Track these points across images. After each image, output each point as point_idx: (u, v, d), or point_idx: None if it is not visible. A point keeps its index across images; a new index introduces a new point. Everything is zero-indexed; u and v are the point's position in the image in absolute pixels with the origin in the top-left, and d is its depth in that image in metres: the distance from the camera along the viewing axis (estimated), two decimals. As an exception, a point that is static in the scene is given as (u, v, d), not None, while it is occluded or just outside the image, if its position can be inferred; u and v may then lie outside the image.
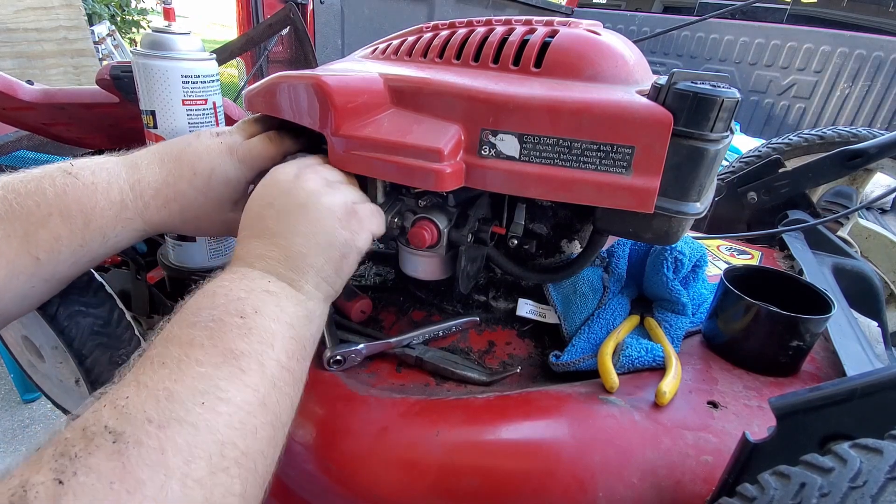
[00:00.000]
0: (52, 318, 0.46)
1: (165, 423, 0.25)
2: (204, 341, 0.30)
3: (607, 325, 0.53)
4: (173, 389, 0.27)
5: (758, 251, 0.82)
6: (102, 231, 0.41)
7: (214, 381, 0.28)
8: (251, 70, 1.85)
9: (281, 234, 0.38)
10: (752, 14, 2.76)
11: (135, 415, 0.25)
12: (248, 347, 0.31)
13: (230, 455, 0.27)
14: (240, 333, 0.31)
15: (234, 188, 0.48)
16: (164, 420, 0.26)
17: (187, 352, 0.29)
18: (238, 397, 0.29)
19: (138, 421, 0.25)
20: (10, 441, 1.38)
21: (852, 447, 0.26)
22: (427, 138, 0.41)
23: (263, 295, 0.34)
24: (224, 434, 0.27)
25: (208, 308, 0.32)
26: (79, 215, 0.40)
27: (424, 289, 0.61)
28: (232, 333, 0.31)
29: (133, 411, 0.25)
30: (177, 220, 0.46)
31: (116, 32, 3.82)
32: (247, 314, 0.32)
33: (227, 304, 0.33)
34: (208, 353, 0.29)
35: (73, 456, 0.23)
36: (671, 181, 0.38)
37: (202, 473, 0.25)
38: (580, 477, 0.40)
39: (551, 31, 0.46)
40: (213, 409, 0.27)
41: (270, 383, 0.31)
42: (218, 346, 0.30)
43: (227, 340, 0.30)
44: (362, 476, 0.43)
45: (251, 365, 0.30)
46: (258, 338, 0.32)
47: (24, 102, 0.69)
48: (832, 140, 1.01)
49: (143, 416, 0.25)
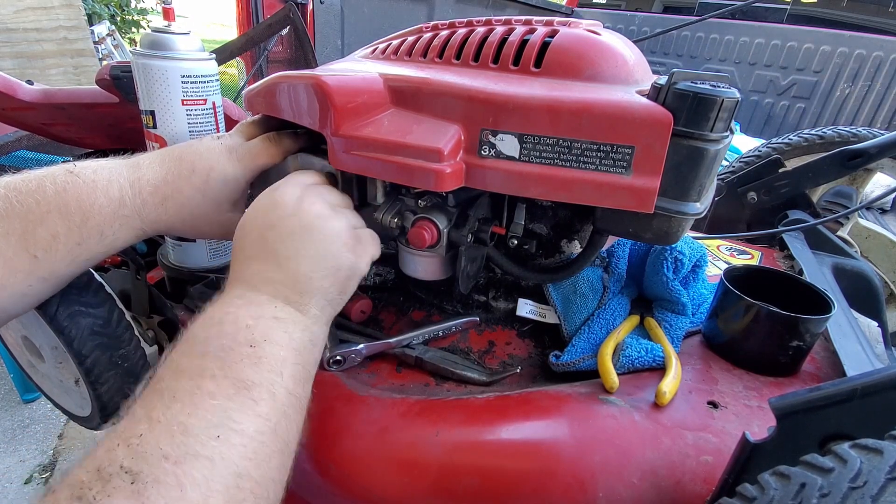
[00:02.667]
0: (52, 318, 0.45)
1: (182, 458, 0.26)
2: (215, 372, 0.30)
3: (607, 325, 0.53)
4: (187, 424, 0.27)
5: (758, 251, 0.82)
6: (100, 228, 0.41)
7: (228, 414, 0.28)
8: (251, 70, 1.85)
9: (286, 257, 0.38)
10: (752, 14, 2.75)
11: (150, 452, 0.25)
12: (259, 377, 0.31)
13: (246, 486, 0.27)
14: (250, 363, 0.31)
15: (233, 188, 0.48)
16: (180, 456, 0.26)
17: (199, 384, 0.29)
18: (251, 428, 0.29)
19: (154, 458, 0.25)
20: (9, 441, 1.38)
21: (852, 447, 0.26)
22: (427, 138, 0.41)
23: (272, 322, 0.35)
24: (239, 465, 0.27)
25: (216, 337, 0.32)
26: (77, 212, 0.40)
27: (424, 289, 0.61)
28: (242, 363, 0.31)
29: (148, 449, 0.25)
30: (174, 218, 0.46)
31: (116, 32, 3.82)
32: (256, 342, 0.32)
33: (235, 332, 0.33)
34: (220, 384, 0.29)
35: (91, 499, 0.23)
36: (671, 181, 0.38)
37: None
38: (580, 477, 0.40)
39: (551, 31, 0.46)
40: (228, 442, 0.27)
41: (281, 412, 0.31)
42: (229, 376, 0.30)
43: (238, 371, 0.30)
44: (362, 476, 0.43)
45: (262, 395, 0.30)
46: (268, 367, 0.32)
47: (23, 102, 0.69)
48: (832, 140, 1.01)
49: (158, 453, 0.25)
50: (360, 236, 0.42)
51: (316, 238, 0.39)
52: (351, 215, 0.43)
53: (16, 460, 1.33)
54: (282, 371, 0.33)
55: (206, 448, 0.26)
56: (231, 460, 0.27)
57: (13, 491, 1.25)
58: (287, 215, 0.39)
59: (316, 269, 0.38)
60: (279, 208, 0.40)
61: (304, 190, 0.42)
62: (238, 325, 0.33)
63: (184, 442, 0.26)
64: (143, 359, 0.53)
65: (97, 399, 0.50)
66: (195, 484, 0.25)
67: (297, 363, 0.34)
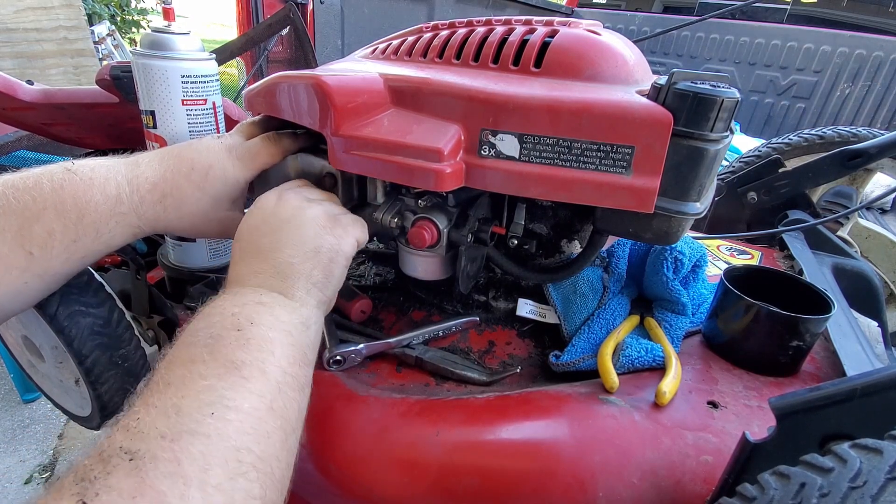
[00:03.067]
0: (52, 318, 0.45)
1: (177, 436, 0.26)
2: (205, 356, 0.31)
3: (607, 325, 0.53)
4: (181, 405, 0.28)
5: (758, 251, 0.82)
6: (96, 226, 0.41)
7: (220, 392, 0.29)
8: (251, 70, 1.86)
9: (270, 249, 0.40)
10: (752, 14, 2.76)
11: (147, 432, 0.26)
12: (248, 357, 0.32)
13: (246, 460, 0.28)
14: (238, 345, 0.32)
15: (232, 186, 0.48)
16: (175, 433, 0.26)
17: (190, 368, 0.30)
18: (245, 404, 0.29)
19: (151, 437, 0.26)
20: (9, 441, 1.38)
21: (852, 447, 0.26)
22: (427, 138, 0.41)
23: (257, 307, 0.35)
24: (237, 440, 0.28)
25: (205, 327, 0.33)
26: (73, 209, 0.40)
27: (424, 289, 0.61)
28: (231, 346, 0.32)
29: (145, 429, 0.26)
30: (172, 216, 0.46)
31: (116, 32, 3.82)
32: (243, 326, 0.33)
33: (222, 320, 0.34)
34: (210, 366, 0.30)
35: (92, 479, 0.24)
36: (671, 181, 0.38)
37: (220, 479, 0.26)
38: (580, 477, 0.40)
39: (551, 31, 0.46)
40: (223, 418, 0.28)
41: (275, 388, 0.32)
42: (218, 359, 0.31)
43: (227, 353, 0.31)
44: (362, 476, 0.43)
45: (253, 373, 0.31)
46: (257, 346, 0.32)
47: (24, 102, 0.69)
48: (832, 140, 1.01)
49: (155, 432, 0.26)
50: (338, 220, 0.43)
51: (293, 226, 0.41)
52: (329, 204, 0.45)
53: (16, 460, 1.33)
54: (272, 350, 0.33)
55: (202, 426, 0.27)
56: (227, 435, 0.27)
57: (13, 491, 1.25)
58: (269, 214, 0.42)
59: (296, 255, 0.39)
60: (261, 210, 0.43)
61: (282, 191, 0.45)
62: (224, 314, 0.34)
63: (179, 421, 0.27)
64: (143, 359, 0.53)
65: (97, 399, 0.50)
66: (192, 458, 0.26)
67: (290, 344, 0.35)
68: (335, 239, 0.42)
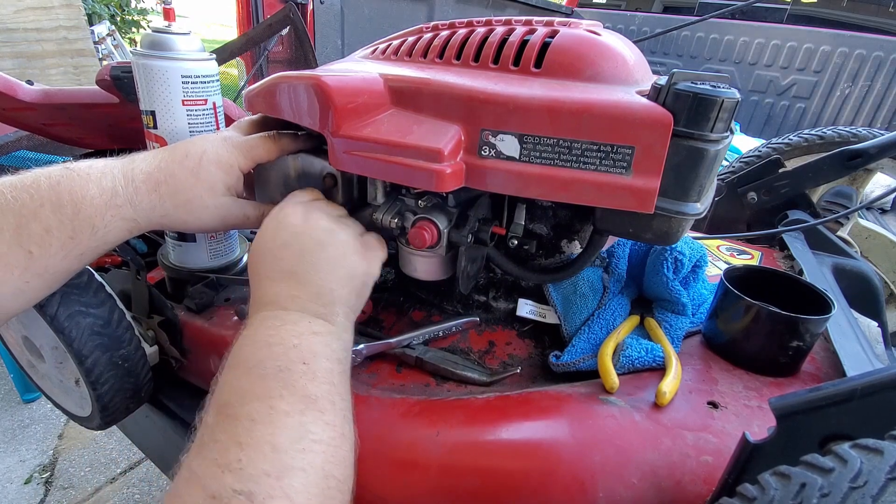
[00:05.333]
0: (52, 318, 0.45)
1: (281, 473, 0.29)
2: (282, 392, 0.33)
3: (607, 325, 0.53)
4: (275, 443, 0.31)
5: (758, 251, 0.82)
6: (91, 220, 0.41)
7: (305, 427, 0.32)
8: (251, 70, 1.86)
9: (305, 273, 0.41)
10: (752, 14, 2.76)
11: (253, 473, 0.29)
12: (319, 390, 0.35)
13: (333, 486, 0.32)
14: (307, 379, 0.35)
15: (227, 171, 0.47)
16: (278, 471, 0.30)
17: (271, 405, 0.33)
18: (325, 436, 0.33)
19: (259, 477, 0.29)
20: (9, 441, 1.38)
21: (853, 447, 0.26)
22: (427, 139, 0.41)
23: (313, 338, 0.38)
24: (325, 469, 0.32)
25: (271, 359, 0.35)
26: (69, 204, 0.40)
27: (424, 289, 0.61)
28: (302, 380, 0.35)
29: (251, 470, 0.29)
30: (168, 204, 0.45)
31: (116, 32, 3.81)
32: (308, 360, 0.36)
33: (286, 352, 0.36)
34: (290, 402, 0.33)
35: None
36: (671, 181, 0.38)
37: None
38: (580, 477, 0.40)
39: (551, 32, 0.46)
40: (311, 451, 0.32)
41: (342, 416, 0.35)
42: (295, 394, 0.34)
43: (301, 387, 0.34)
44: (363, 476, 0.43)
45: (325, 405, 0.34)
46: (322, 379, 0.36)
47: (24, 103, 0.69)
48: (832, 140, 1.01)
49: (261, 471, 0.29)
50: (367, 242, 0.45)
51: (329, 251, 0.42)
52: (353, 223, 0.46)
53: (16, 460, 1.33)
54: (332, 381, 0.36)
55: (297, 460, 0.30)
56: (318, 466, 0.31)
57: (13, 491, 1.24)
58: (298, 234, 0.42)
59: (334, 280, 0.41)
60: (288, 228, 0.43)
61: (306, 207, 0.45)
62: (286, 346, 0.36)
63: (277, 458, 0.30)
64: (143, 359, 0.53)
65: (97, 399, 0.50)
66: (297, 492, 0.29)
67: (342, 372, 0.38)
68: (367, 263, 0.44)
